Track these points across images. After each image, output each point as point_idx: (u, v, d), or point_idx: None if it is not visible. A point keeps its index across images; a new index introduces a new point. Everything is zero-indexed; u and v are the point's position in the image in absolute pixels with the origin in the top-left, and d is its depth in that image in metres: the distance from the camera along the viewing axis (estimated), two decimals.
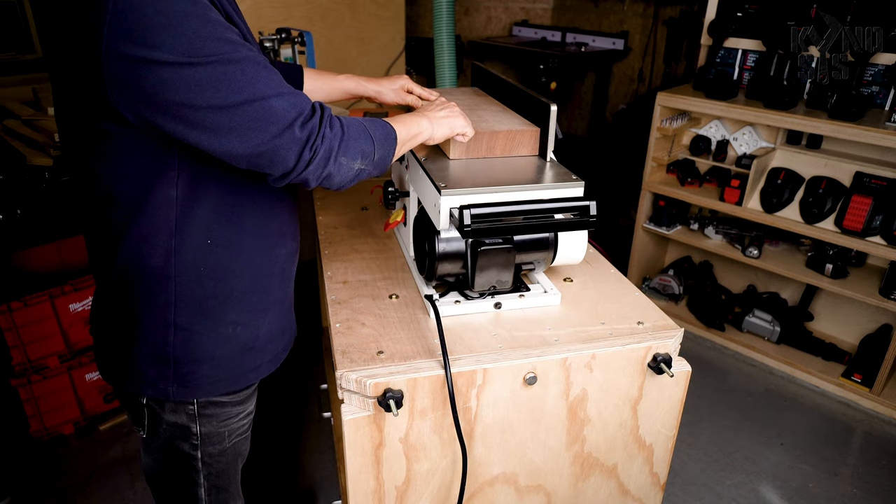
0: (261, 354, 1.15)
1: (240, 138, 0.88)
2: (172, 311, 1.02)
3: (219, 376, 1.09)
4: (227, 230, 1.03)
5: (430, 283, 1.26)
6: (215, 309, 1.05)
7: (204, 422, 1.12)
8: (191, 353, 1.05)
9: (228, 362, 1.09)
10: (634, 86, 4.15)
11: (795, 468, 2.31)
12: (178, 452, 1.15)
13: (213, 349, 1.07)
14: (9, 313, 2.15)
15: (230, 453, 1.20)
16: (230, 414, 1.15)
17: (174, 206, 0.97)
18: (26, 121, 2.15)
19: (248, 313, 1.09)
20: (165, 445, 1.16)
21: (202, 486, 1.20)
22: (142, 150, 0.93)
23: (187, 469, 1.17)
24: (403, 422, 1.07)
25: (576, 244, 1.25)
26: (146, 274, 1.01)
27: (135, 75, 0.83)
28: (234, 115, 0.87)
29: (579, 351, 1.12)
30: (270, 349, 1.17)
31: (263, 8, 2.73)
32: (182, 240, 0.99)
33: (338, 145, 0.95)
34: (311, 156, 0.92)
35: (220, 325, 1.06)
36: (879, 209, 2.47)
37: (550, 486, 1.24)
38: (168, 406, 1.10)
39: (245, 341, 1.10)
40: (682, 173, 3.08)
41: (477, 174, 1.16)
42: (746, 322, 2.98)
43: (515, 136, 1.25)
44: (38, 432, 2.31)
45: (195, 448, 1.15)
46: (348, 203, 1.75)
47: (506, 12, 4.64)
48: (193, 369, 1.06)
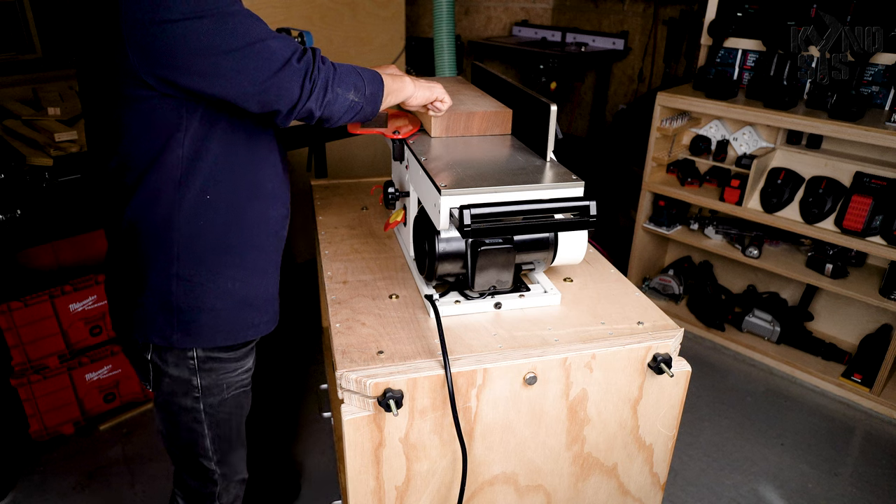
0: (258, 313, 1.25)
1: (249, 78, 0.99)
2: (175, 263, 1.13)
3: (218, 327, 1.19)
4: (225, 187, 1.13)
5: (430, 283, 1.26)
6: (214, 263, 1.15)
7: (204, 375, 1.22)
8: (193, 303, 1.15)
9: (227, 315, 1.19)
10: (634, 86, 4.15)
11: (795, 468, 2.31)
12: (182, 406, 1.26)
13: (213, 301, 1.17)
14: (9, 313, 2.15)
15: (230, 404, 1.30)
16: (228, 369, 1.25)
17: (179, 165, 1.08)
18: (26, 121, 2.15)
19: (245, 270, 1.20)
20: (170, 400, 1.25)
21: (207, 436, 1.30)
22: (157, 114, 1.04)
23: (191, 422, 1.27)
24: (403, 422, 1.07)
25: (576, 244, 1.25)
26: (153, 227, 1.11)
27: (150, 36, 0.95)
28: (241, 58, 0.98)
29: (579, 351, 1.12)
30: (268, 309, 1.27)
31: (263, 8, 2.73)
32: (184, 195, 1.09)
33: (332, 76, 1.06)
34: (312, 86, 1.03)
35: (220, 279, 1.16)
36: (879, 209, 2.47)
37: (550, 486, 1.24)
38: (171, 360, 1.20)
39: (243, 297, 1.20)
40: (682, 173, 3.08)
41: (476, 173, 1.16)
42: (746, 322, 2.98)
43: (490, 117, 1.36)
44: (38, 432, 2.31)
45: (197, 401, 1.25)
46: (348, 203, 1.75)
47: (506, 12, 4.64)
48: (195, 318, 1.16)
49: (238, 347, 1.25)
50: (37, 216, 1.86)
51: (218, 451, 1.33)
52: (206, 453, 1.33)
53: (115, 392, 2.45)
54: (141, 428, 2.42)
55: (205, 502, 1.40)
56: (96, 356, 2.37)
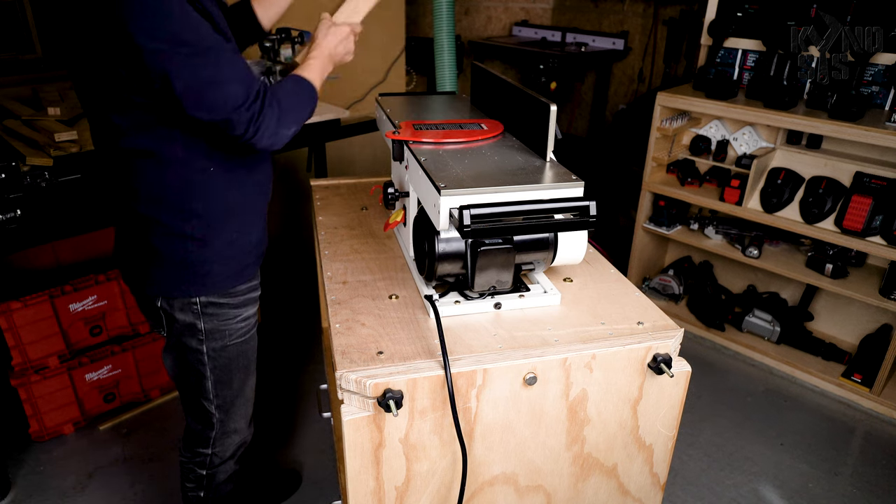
0: (250, 255, 1.44)
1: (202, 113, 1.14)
2: (189, 226, 1.30)
3: (225, 273, 1.38)
4: (222, 159, 1.30)
5: (430, 283, 1.26)
6: (220, 222, 1.33)
7: (207, 319, 1.39)
8: (206, 257, 1.33)
9: (232, 263, 1.38)
10: (634, 86, 4.15)
11: (795, 468, 2.31)
12: (188, 348, 1.42)
13: (222, 251, 1.36)
14: (9, 313, 2.15)
15: (232, 351, 1.45)
16: (228, 315, 1.41)
17: (182, 149, 1.24)
18: (26, 121, 2.15)
19: (244, 224, 1.39)
20: (179, 342, 1.42)
21: (209, 378, 1.46)
22: (151, 114, 1.19)
23: (196, 363, 1.44)
24: (403, 422, 1.07)
25: (576, 244, 1.24)
26: (166, 198, 1.27)
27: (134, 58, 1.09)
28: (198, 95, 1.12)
29: (579, 351, 1.12)
30: (256, 252, 1.46)
31: None
32: (189, 168, 1.26)
33: (277, 119, 1.20)
34: (255, 130, 1.18)
35: (225, 233, 1.35)
36: (879, 209, 2.47)
37: (550, 487, 1.24)
38: (177, 306, 1.37)
39: (242, 245, 1.40)
40: (682, 173, 3.08)
41: (476, 174, 1.16)
42: (746, 322, 2.98)
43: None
44: (38, 432, 2.31)
45: (201, 343, 1.41)
46: (348, 203, 1.75)
47: (506, 12, 4.64)
48: (209, 270, 1.35)
49: (235, 295, 1.41)
50: (37, 216, 1.86)
51: (219, 395, 1.49)
52: (208, 395, 1.48)
53: (114, 392, 2.45)
54: (141, 428, 2.42)
55: (201, 444, 1.57)
56: (96, 356, 2.38)
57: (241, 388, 1.53)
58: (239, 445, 1.62)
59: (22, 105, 2.36)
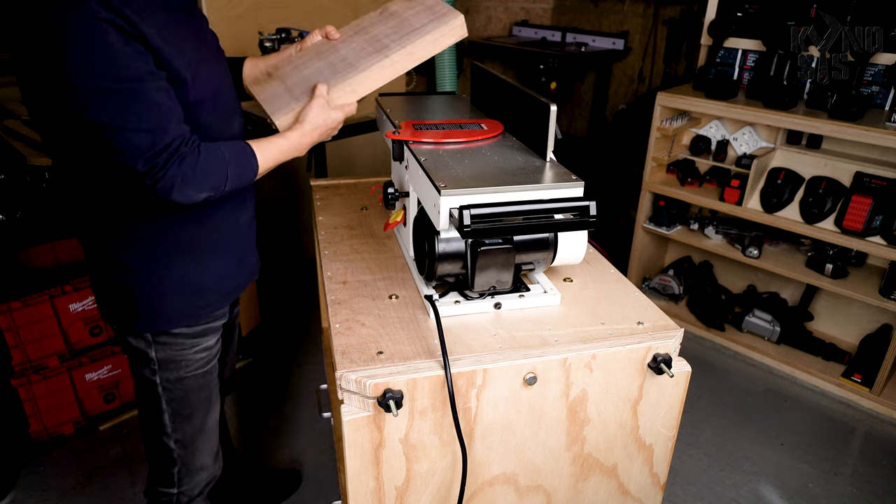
0: (211, 294, 1.33)
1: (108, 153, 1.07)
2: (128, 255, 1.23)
3: (176, 310, 1.29)
4: None
5: (430, 283, 1.26)
6: (167, 254, 1.25)
7: (158, 349, 1.30)
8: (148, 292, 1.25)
9: (184, 301, 1.29)
10: (634, 86, 4.15)
11: (795, 468, 2.31)
12: (143, 378, 1.34)
13: (172, 288, 1.26)
14: (9, 313, 2.15)
15: (190, 383, 1.36)
16: (185, 345, 1.32)
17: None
18: (26, 121, 2.15)
19: (201, 260, 1.29)
20: (135, 371, 1.35)
21: (166, 411, 1.36)
22: None
23: (151, 394, 1.35)
24: (403, 422, 1.07)
25: (576, 244, 1.24)
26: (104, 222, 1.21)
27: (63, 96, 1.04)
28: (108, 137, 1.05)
29: (579, 351, 1.12)
30: (224, 288, 1.36)
31: (263, 8, 2.73)
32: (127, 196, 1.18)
33: (180, 181, 1.10)
34: (153, 184, 1.08)
35: (175, 268, 1.26)
36: (879, 209, 2.47)
37: (550, 487, 1.24)
38: (130, 334, 1.30)
39: (200, 282, 1.30)
40: (682, 173, 3.08)
41: (476, 174, 1.16)
42: (746, 322, 2.98)
43: None
44: (38, 432, 2.31)
45: (154, 373, 1.33)
46: (348, 203, 1.75)
47: (506, 12, 4.64)
48: (154, 305, 1.26)
49: (193, 325, 1.32)
50: (37, 216, 1.86)
51: (177, 430, 1.39)
52: (165, 430, 1.38)
53: (114, 392, 2.45)
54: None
55: (164, 483, 1.45)
56: (96, 356, 2.37)
57: (202, 424, 1.42)
58: (207, 482, 1.50)
59: (22, 105, 2.36)
